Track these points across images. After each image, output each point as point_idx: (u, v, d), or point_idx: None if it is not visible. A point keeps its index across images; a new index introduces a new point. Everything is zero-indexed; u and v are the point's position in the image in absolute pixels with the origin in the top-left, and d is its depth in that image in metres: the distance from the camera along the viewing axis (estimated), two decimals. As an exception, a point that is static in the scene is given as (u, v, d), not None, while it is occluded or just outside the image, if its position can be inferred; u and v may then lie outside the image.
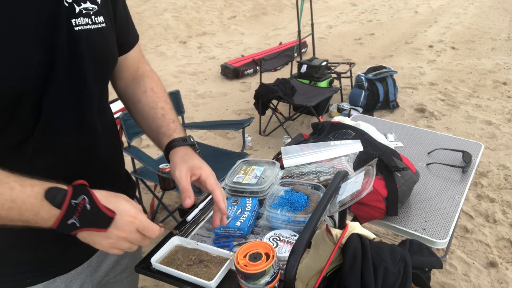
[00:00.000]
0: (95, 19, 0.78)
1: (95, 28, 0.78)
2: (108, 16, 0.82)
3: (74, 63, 0.75)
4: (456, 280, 2.19)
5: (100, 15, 0.79)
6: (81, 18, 0.75)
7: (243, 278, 0.87)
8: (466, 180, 1.72)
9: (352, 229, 0.99)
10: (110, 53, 0.85)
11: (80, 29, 0.74)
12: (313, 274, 1.00)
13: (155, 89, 0.97)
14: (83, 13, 0.75)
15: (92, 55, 0.78)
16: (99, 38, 0.79)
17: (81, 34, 0.74)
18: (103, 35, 0.80)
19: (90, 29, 0.77)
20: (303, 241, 0.84)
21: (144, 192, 2.78)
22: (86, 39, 0.75)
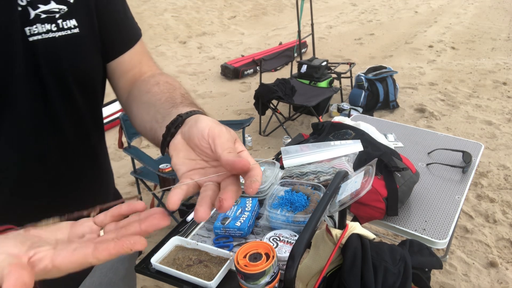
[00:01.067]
0: (63, 23, 0.63)
1: (62, 36, 0.63)
2: (87, 15, 0.67)
3: (31, 83, 0.62)
4: (456, 280, 2.19)
5: (71, 18, 0.64)
6: (39, 24, 0.60)
7: (243, 278, 0.87)
8: (466, 180, 1.72)
9: (352, 229, 0.99)
10: (86, 65, 0.70)
11: (35, 40, 0.60)
12: (313, 274, 1.00)
13: (171, 82, 0.75)
14: (41, 18, 0.61)
15: (56, 71, 0.64)
16: (68, 48, 0.64)
17: (37, 45, 0.60)
18: (74, 44, 0.65)
19: (53, 37, 0.62)
20: (303, 241, 0.84)
21: (144, 192, 2.79)
22: (45, 51, 0.62)
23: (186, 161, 0.52)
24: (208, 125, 0.51)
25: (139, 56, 0.79)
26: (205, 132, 0.50)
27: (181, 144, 0.53)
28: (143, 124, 0.69)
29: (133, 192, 2.98)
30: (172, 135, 0.55)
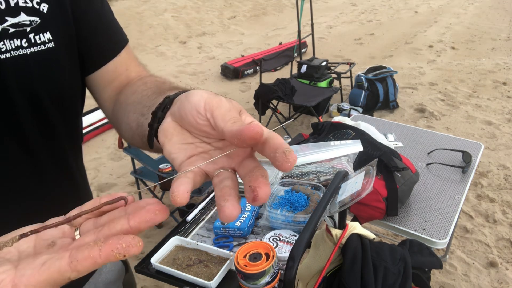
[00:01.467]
0: (35, 38, 0.55)
1: (34, 52, 0.55)
2: (63, 26, 0.59)
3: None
4: (456, 280, 2.19)
5: (44, 31, 0.56)
6: (6, 41, 0.52)
7: (243, 278, 0.87)
8: (466, 180, 1.72)
9: (352, 229, 0.99)
10: (63, 83, 0.62)
11: (2, 58, 0.53)
12: (313, 274, 1.00)
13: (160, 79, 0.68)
14: (9, 33, 0.52)
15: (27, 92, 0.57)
16: (41, 66, 0.57)
17: (5, 64, 0.53)
18: (48, 60, 0.57)
19: (24, 54, 0.54)
20: (303, 241, 0.84)
21: (144, 192, 2.79)
22: (15, 70, 0.54)
23: (182, 146, 0.42)
24: (203, 97, 0.41)
25: (125, 63, 0.71)
26: (201, 105, 0.40)
27: (172, 127, 0.43)
28: (129, 125, 0.59)
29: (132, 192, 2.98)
30: (159, 121, 0.46)
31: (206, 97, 0.40)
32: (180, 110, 0.42)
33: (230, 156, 0.40)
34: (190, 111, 0.41)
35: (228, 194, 0.35)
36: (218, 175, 0.38)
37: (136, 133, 0.56)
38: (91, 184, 3.13)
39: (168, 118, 0.44)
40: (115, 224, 0.34)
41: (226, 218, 0.34)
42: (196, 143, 0.42)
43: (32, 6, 0.54)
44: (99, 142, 3.65)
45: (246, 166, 0.38)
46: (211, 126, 0.40)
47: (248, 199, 0.34)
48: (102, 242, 0.31)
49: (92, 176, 3.24)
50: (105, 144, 3.64)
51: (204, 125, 0.40)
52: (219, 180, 0.37)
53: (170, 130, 0.43)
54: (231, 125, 0.37)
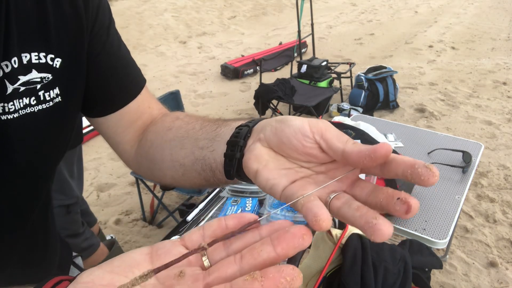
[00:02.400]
0: (45, 95, 0.52)
1: (42, 110, 0.52)
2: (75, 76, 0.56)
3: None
4: (456, 280, 2.19)
5: (53, 87, 0.53)
6: (16, 100, 0.49)
7: (243, 278, 0.87)
8: (466, 180, 1.72)
9: (352, 229, 0.99)
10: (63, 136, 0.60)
11: (8, 119, 0.49)
12: (313, 274, 1.00)
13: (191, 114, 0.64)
14: (20, 91, 0.49)
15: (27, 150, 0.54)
16: (46, 123, 0.54)
17: (11, 124, 0.50)
18: (54, 116, 0.55)
19: (32, 112, 0.51)
20: (303, 241, 0.84)
21: (144, 192, 2.79)
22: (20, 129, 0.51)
23: (281, 171, 0.40)
24: (305, 121, 0.40)
25: (147, 101, 0.68)
26: (306, 129, 0.39)
27: (265, 153, 0.42)
28: (179, 161, 0.57)
29: (133, 192, 2.98)
30: (241, 149, 0.45)
31: (309, 121, 0.40)
32: (278, 135, 0.41)
33: (341, 180, 0.39)
34: (294, 134, 0.40)
35: (372, 212, 0.33)
36: (338, 198, 0.36)
37: (193, 169, 0.55)
38: (91, 184, 3.13)
39: (257, 145, 0.43)
40: (260, 252, 0.31)
41: (383, 235, 0.31)
42: (295, 168, 0.41)
43: (46, 62, 0.51)
44: (99, 142, 3.65)
45: (363, 187, 0.37)
46: (320, 149, 0.39)
47: (399, 212, 0.32)
48: (262, 277, 0.27)
49: (92, 176, 3.24)
50: (105, 144, 3.60)
51: (311, 147, 0.40)
52: (343, 202, 0.36)
53: (264, 156, 0.42)
54: (352, 146, 0.37)
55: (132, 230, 2.66)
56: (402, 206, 0.32)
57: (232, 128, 0.49)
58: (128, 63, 0.65)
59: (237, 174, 0.47)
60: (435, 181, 0.32)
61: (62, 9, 0.52)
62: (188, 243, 0.34)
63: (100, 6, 0.58)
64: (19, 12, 0.49)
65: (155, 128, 0.65)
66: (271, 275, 0.27)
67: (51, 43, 0.52)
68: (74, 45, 0.55)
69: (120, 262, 0.32)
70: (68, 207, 1.87)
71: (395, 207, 0.32)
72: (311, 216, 0.33)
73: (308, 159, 0.41)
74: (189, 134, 0.57)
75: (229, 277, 0.30)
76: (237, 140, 0.46)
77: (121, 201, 2.95)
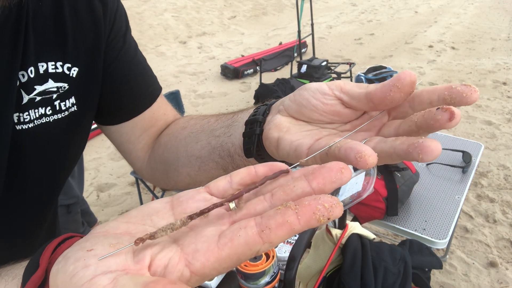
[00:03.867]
0: (61, 105, 0.51)
1: (57, 120, 0.51)
2: (90, 87, 0.55)
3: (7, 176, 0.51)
4: (456, 280, 2.19)
5: (70, 97, 0.52)
6: (31, 110, 0.48)
7: (243, 278, 0.87)
8: (466, 180, 1.72)
9: (352, 229, 0.99)
10: (78, 146, 0.59)
11: (23, 129, 0.48)
12: (313, 274, 1.00)
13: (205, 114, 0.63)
14: (36, 102, 0.48)
15: (41, 160, 0.53)
16: (61, 132, 0.53)
17: (26, 134, 0.49)
18: (69, 125, 0.53)
19: (47, 122, 0.50)
20: (303, 241, 0.84)
21: (144, 192, 2.79)
22: (35, 139, 0.50)
23: (304, 133, 0.39)
24: (322, 83, 0.39)
25: (162, 108, 0.66)
26: (324, 87, 0.38)
27: (286, 121, 0.41)
28: (195, 155, 0.56)
29: (133, 192, 2.98)
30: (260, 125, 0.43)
31: (325, 83, 0.39)
32: (297, 100, 0.40)
33: (369, 129, 0.37)
34: (312, 95, 0.39)
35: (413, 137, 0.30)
36: (370, 140, 0.34)
37: (210, 159, 0.53)
38: (91, 184, 3.13)
39: (277, 116, 0.42)
40: (292, 188, 0.28)
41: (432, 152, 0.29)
42: (318, 129, 0.40)
43: (62, 72, 0.50)
44: (99, 142, 3.65)
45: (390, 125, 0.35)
46: (342, 104, 0.38)
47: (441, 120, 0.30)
48: (296, 205, 0.25)
49: (92, 176, 3.24)
50: (105, 144, 3.64)
51: (333, 104, 0.38)
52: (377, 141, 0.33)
53: (284, 124, 0.41)
54: (375, 85, 0.34)
55: (132, 230, 2.66)
56: (444, 114, 0.29)
57: (249, 112, 0.48)
58: (143, 71, 0.64)
59: (257, 155, 0.45)
60: (477, 96, 0.30)
61: (80, 17, 0.52)
62: (213, 191, 0.31)
63: (117, 12, 0.57)
64: (36, 21, 0.48)
65: (169, 130, 0.64)
66: (306, 202, 0.24)
67: (68, 52, 0.51)
68: (91, 53, 0.53)
69: (138, 212, 0.30)
70: (68, 207, 1.87)
71: (437, 117, 0.30)
72: (353, 154, 0.30)
73: (330, 119, 0.39)
74: (204, 128, 0.56)
75: (259, 213, 0.27)
76: (256, 117, 0.45)
77: (121, 201, 2.96)
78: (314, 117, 0.40)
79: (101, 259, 0.25)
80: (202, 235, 0.26)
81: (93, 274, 0.24)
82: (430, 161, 0.30)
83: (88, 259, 0.25)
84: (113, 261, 0.25)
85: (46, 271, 0.28)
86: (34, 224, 0.62)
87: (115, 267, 0.24)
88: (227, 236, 0.25)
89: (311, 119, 0.40)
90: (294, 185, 0.28)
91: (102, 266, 0.24)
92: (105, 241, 0.26)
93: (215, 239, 0.25)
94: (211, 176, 0.55)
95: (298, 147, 0.38)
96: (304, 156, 0.37)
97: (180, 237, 0.27)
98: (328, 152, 0.34)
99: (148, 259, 0.25)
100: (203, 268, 0.24)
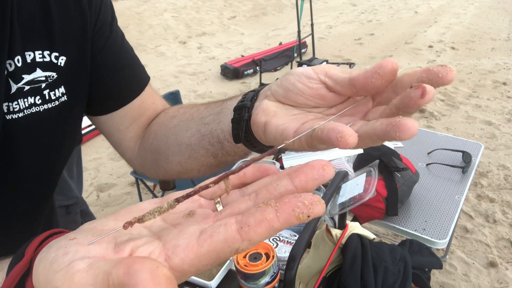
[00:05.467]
0: (50, 94, 0.51)
1: (47, 109, 0.51)
2: (80, 75, 0.55)
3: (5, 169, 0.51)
4: (456, 280, 2.19)
5: (59, 86, 0.52)
6: (21, 100, 0.48)
7: (243, 278, 0.87)
8: (466, 180, 1.72)
9: (352, 229, 0.99)
10: (70, 135, 0.59)
11: (13, 118, 0.48)
12: (313, 274, 1.00)
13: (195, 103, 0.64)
14: (24, 91, 0.49)
15: (34, 150, 0.53)
16: (52, 122, 0.53)
17: (16, 123, 0.49)
18: (60, 115, 0.53)
19: (37, 112, 0.50)
20: (303, 241, 0.84)
21: (144, 192, 2.79)
22: (26, 129, 0.50)
23: (291, 117, 0.40)
24: (306, 67, 0.40)
25: (151, 97, 0.67)
26: (309, 71, 0.39)
27: (273, 105, 0.42)
28: (185, 143, 0.56)
29: (133, 192, 2.98)
30: (248, 111, 0.44)
31: (309, 67, 0.40)
32: (283, 85, 0.41)
33: (354, 114, 0.38)
34: (298, 79, 0.40)
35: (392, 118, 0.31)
36: (354, 124, 0.35)
37: (200, 146, 0.54)
38: (91, 185, 3.13)
39: (264, 101, 0.43)
40: (275, 186, 0.28)
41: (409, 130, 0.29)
42: (304, 113, 0.40)
43: (50, 61, 0.50)
44: (99, 142, 3.65)
45: (375, 111, 0.36)
46: (326, 88, 0.39)
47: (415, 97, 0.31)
48: (276, 203, 0.25)
49: (92, 176, 3.24)
50: (105, 144, 3.63)
51: (318, 88, 0.39)
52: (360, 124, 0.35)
53: (271, 108, 0.41)
54: (358, 70, 0.36)
55: (132, 230, 2.66)
56: (417, 91, 0.31)
57: (238, 99, 0.49)
58: (131, 60, 0.64)
59: (246, 140, 0.46)
60: (453, 76, 0.32)
61: (66, 6, 0.52)
62: (202, 192, 0.31)
63: (103, 2, 0.58)
64: (21, 10, 0.48)
65: (158, 119, 0.64)
66: (286, 200, 0.24)
67: (55, 41, 0.51)
68: (78, 43, 0.54)
69: (126, 212, 0.31)
70: (68, 208, 1.87)
71: (410, 95, 0.31)
72: (335, 134, 0.31)
73: (316, 103, 0.40)
74: (194, 116, 0.57)
75: (242, 212, 0.27)
76: (244, 103, 0.46)
77: (121, 201, 2.96)
78: (300, 101, 0.40)
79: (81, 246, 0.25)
80: (185, 232, 0.26)
81: (71, 259, 0.24)
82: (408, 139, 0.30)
83: (69, 247, 0.25)
84: (93, 249, 0.25)
85: (31, 262, 0.28)
86: (31, 217, 0.61)
87: (94, 254, 0.25)
88: (207, 233, 0.25)
89: (297, 103, 0.41)
90: (278, 184, 0.28)
91: (81, 252, 0.25)
92: (89, 232, 0.27)
93: (196, 236, 0.25)
94: (201, 164, 0.57)
95: (285, 131, 0.38)
96: (291, 137, 0.37)
97: (164, 234, 0.27)
98: (312, 134, 0.34)
99: (129, 251, 0.25)
100: (182, 264, 0.24)
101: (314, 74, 0.39)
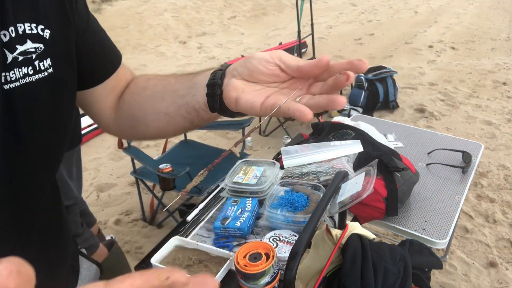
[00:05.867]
0: (40, 64, 0.54)
1: (39, 79, 0.54)
2: (64, 50, 0.58)
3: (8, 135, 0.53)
4: (456, 280, 2.19)
5: (46, 57, 0.55)
6: (17, 69, 0.51)
7: (243, 278, 0.87)
8: (466, 180, 1.72)
9: (352, 229, 0.99)
10: (65, 109, 0.62)
11: (11, 88, 0.51)
12: (313, 274, 1.00)
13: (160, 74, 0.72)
14: (19, 61, 0.51)
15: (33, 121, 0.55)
16: (45, 92, 0.56)
17: (14, 93, 0.51)
18: (50, 86, 0.56)
19: (31, 81, 0.53)
20: (303, 241, 0.84)
21: (144, 192, 2.79)
22: (23, 98, 0.53)
23: (256, 92, 0.54)
24: (266, 52, 0.54)
25: (124, 67, 0.74)
26: (267, 57, 0.54)
27: (241, 83, 0.55)
28: (162, 112, 0.65)
29: (133, 192, 2.98)
30: (220, 87, 0.57)
31: (268, 52, 0.55)
32: (248, 67, 0.55)
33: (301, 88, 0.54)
34: (259, 62, 0.54)
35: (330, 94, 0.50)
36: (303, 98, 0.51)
37: (178, 114, 0.64)
38: (91, 185, 3.13)
39: (232, 80, 0.56)
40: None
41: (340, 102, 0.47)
42: (265, 88, 0.55)
43: (37, 33, 0.53)
44: (99, 142, 3.65)
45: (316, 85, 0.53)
46: (280, 69, 0.54)
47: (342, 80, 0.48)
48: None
49: (92, 176, 3.24)
50: (105, 144, 3.63)
51: (274, 70, 0.54)
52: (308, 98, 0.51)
53: (240, 86, 0.55)
54: (304, 61, 0.52)
55: (132, 230, 2.66)
56: (343, 76, 0.47)
57: (206, 76, 0.60)
58: (107, 38, 0.72)
59: (220, 109, 0.59)
60: (366, 66, 0.47)
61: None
62: None
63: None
64: None
65: (130, 89, 0.73)
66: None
67: (40, 14, 0.54)
68: (59, 19, 0.57)
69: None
70: (68, 208, 1.87)
71: (340, 79, 0.48)
72: (298, 113, 0.48)
73: (273, 80, 0.55)
74: (167, 88, 0.66)
75: None
76: (216, 81, 0.57)
77: (121, 201, 2.96)
78: (261, 78, 0.55)
79: None
80: None
81: None
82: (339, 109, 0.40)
83: None
84: None
85: None
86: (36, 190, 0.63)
87: None
88: None
89: (259, 80, 0.55)
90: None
91: None
92: None
93: None
94: (177, 128, 0.67)
95: (253, 104, 0.53)
96: (258, 109, 0.53)
97: None
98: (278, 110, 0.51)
99: None
100: None
101: (271, 58, 0.54)
